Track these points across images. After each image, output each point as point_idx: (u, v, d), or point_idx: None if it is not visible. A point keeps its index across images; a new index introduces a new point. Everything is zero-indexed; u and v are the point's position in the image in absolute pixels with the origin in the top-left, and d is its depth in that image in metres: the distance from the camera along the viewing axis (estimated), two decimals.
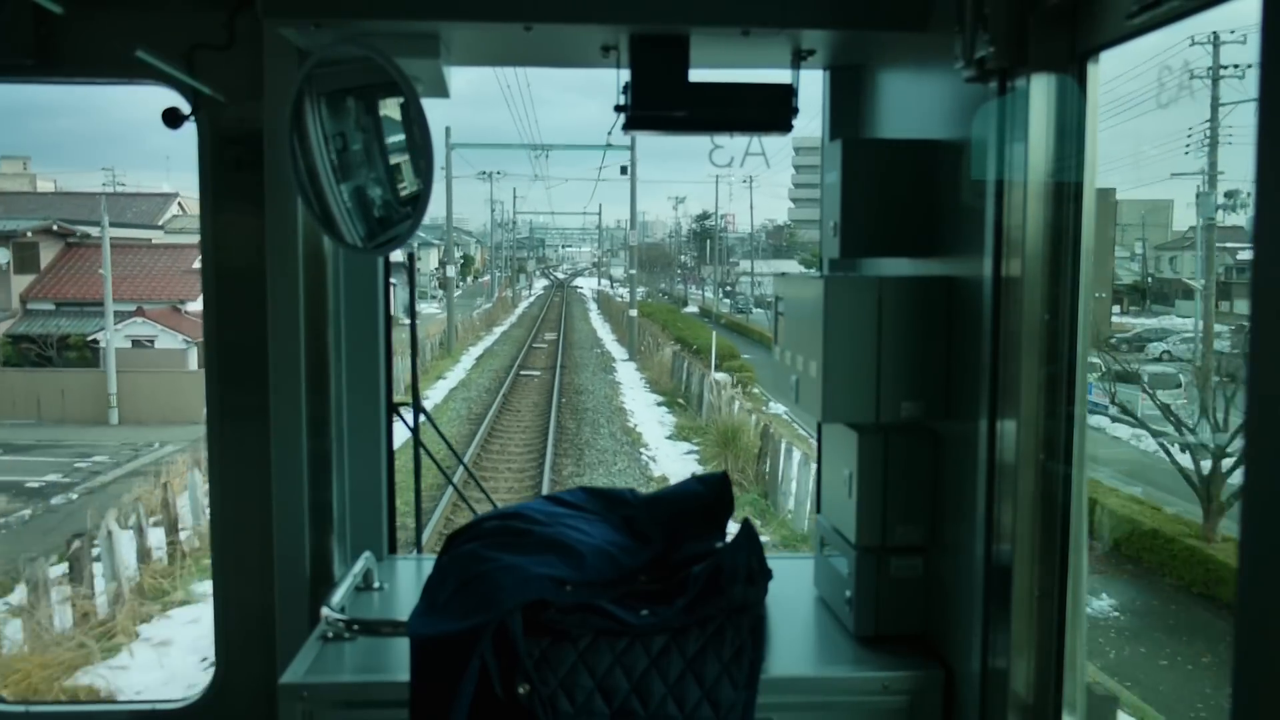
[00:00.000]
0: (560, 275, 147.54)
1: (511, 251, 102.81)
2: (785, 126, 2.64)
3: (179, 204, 49.85)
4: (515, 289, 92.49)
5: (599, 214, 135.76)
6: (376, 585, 2.73)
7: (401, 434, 3.04)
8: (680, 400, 27.99)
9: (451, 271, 49.80)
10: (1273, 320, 1.25)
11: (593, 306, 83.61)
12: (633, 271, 48.25)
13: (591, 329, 58.67)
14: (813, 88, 2.86)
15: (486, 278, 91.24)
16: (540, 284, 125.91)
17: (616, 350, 44.29)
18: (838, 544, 2.48)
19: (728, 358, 33.44)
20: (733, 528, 2.43)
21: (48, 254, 34.42)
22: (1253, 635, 1.30)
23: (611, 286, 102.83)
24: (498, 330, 56.39)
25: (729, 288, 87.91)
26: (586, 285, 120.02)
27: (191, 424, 24.19)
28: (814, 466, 8.94)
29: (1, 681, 9.74)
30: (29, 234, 33.53)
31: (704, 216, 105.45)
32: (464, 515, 13.25)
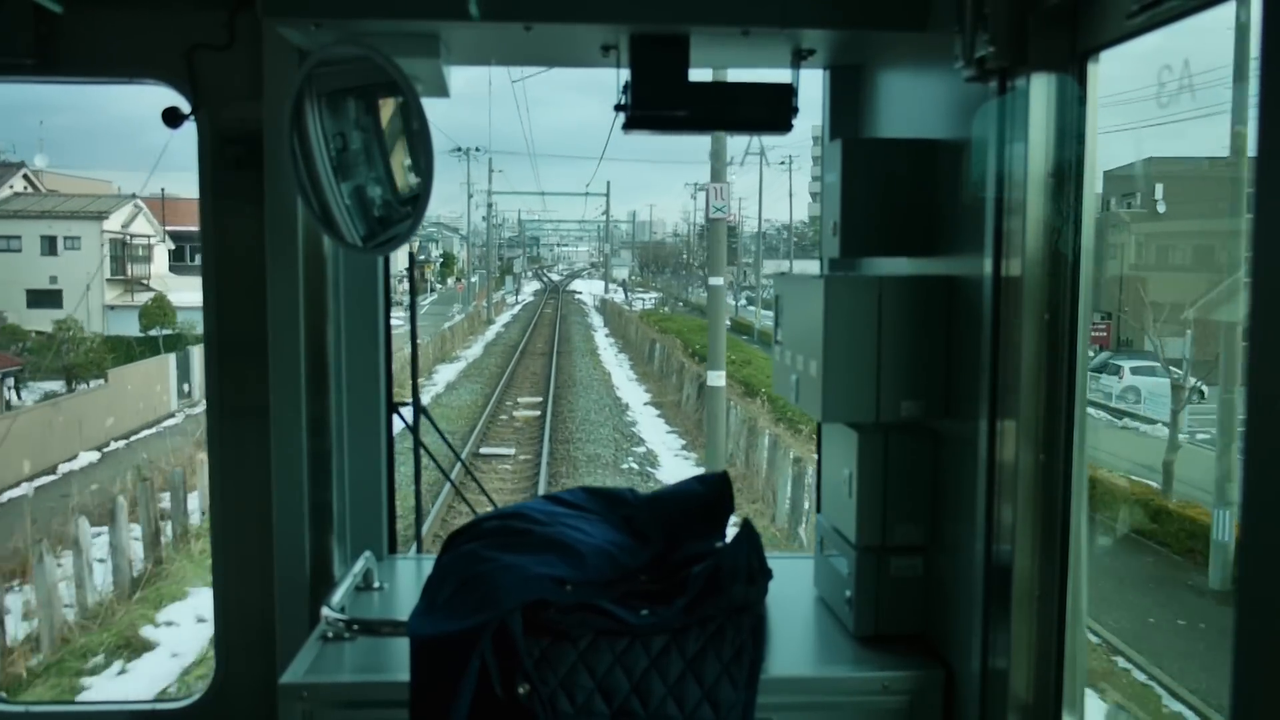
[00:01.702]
0: (555, 276, 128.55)
1: (488, 248, 79.78)
2: (785, 126, 2.64)
3: (26, 176, 39.65)
4: (492, 300, 65.24)
5: (606, 193, 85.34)
6: (376, 585, 2.73)
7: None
8: None
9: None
10: (1273, 320, 1.25)
11: (597, 321, 60.36)
12: (716, 282, 19.28)
13: (603, 375, 32.59)
14: (814, 88, 2.86)
15: (461, 281, 71.50)
16: (531, 288, 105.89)
17: (666, 448, 21.05)
18: (838, 544, 2.48)
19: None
20: (733, 528, 2.43)
21: None
22: (1253, 634, 1.30)
23: (626, 295, 78.35)
24: (440, 378, 31.01)
25: (750, 292, 67.44)
26: (586, 290, 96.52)
27: None
28: None
29: None
30: None
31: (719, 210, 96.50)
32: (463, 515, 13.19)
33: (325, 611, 2.39)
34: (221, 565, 2.78)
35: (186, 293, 36.80)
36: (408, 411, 3.00)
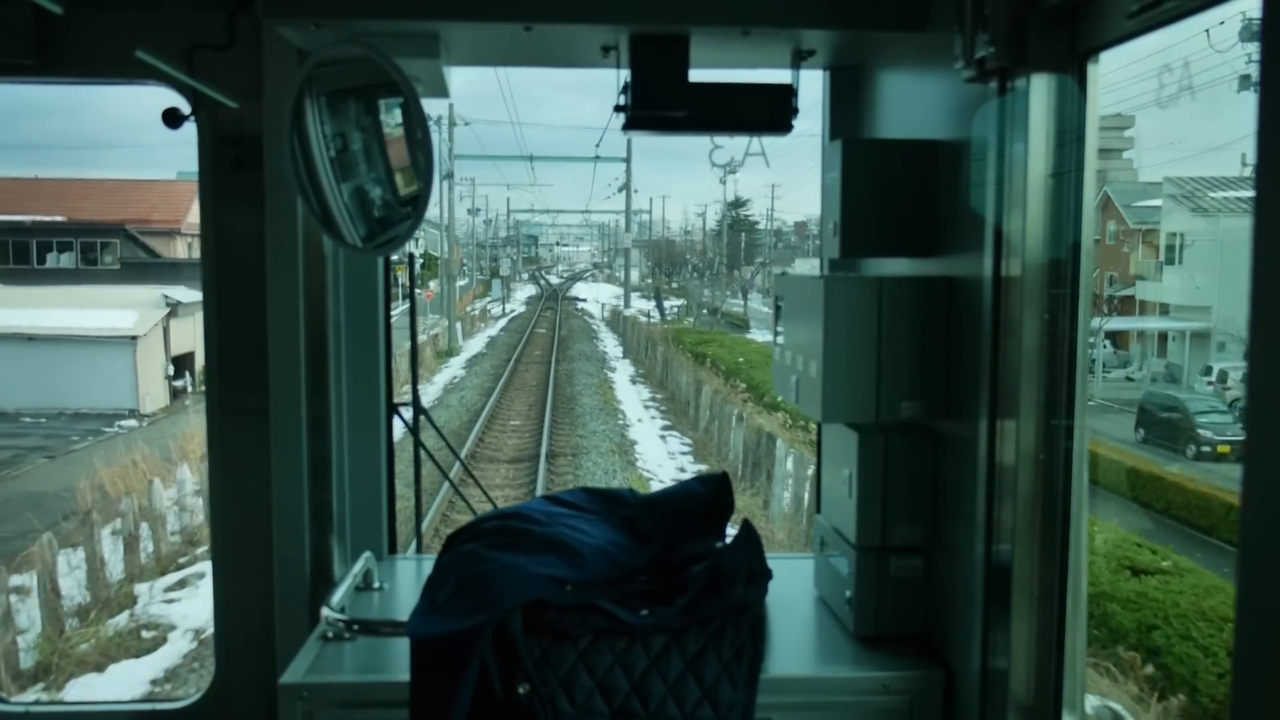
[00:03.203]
0: (554, 279, 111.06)
1: (450, 236, 51.61)
2: (785, 126, 2.64)
3: None
4: (455, 316, 44.38)
5: (627, 157, 57.26)
6: (376, 585, 2.73)
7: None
8: None
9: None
10: (1273, 320, 1.25)
11: (611, 348, 41.42)
12: None
13: None
14: (814, 87, 2.84)
15: (433, 287, 49.54)
16: (525, 293, 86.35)
17: None
18: (838, 544, 2.48)
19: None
20: (733, 528, 2.43)
21: None
22: (1253, 635, 1.30)
23: (662, 310, 56.81)
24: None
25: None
26: (591, 296, 78.18)
27: None
28: None
29: None
30: None
31: (738, 204, 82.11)
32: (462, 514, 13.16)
33: (325, 611, 2.39)
34: (221, 565, 2.78)
35: (27, 310, 27.20)
36: (408, 412, 3.00)
